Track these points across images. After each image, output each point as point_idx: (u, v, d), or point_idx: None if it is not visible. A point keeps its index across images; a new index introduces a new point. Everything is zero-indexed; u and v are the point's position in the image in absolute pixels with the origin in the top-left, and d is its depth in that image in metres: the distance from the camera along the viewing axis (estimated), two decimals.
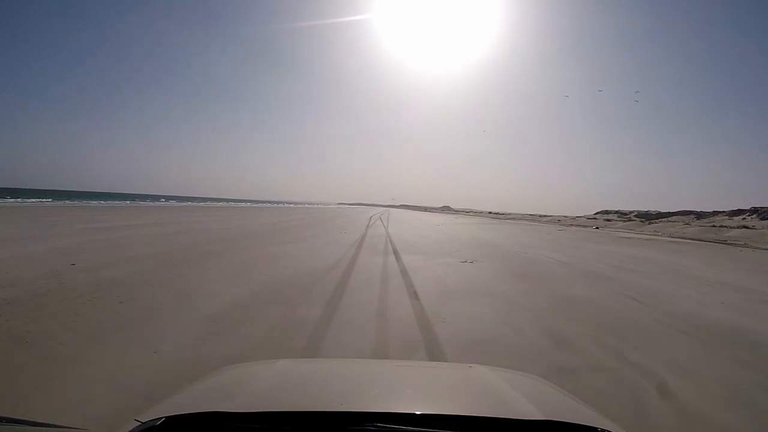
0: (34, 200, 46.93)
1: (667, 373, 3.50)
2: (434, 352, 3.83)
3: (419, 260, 10.01)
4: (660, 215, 60.00)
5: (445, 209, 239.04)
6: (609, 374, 3.49)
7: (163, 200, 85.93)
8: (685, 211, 57.63)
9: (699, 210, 56.57)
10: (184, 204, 64.59)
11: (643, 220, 57.84)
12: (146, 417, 0.92)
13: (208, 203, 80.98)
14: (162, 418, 0.90)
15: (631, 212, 69.00)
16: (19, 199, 46.57)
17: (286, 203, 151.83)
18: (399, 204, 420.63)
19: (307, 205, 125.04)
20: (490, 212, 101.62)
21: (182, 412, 0.93)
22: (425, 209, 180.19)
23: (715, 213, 53.99)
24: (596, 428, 0.92)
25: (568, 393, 1.38)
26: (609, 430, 0.92)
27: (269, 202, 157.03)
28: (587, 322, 5.12)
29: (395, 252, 11.64)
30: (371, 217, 41.06)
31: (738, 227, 34.81)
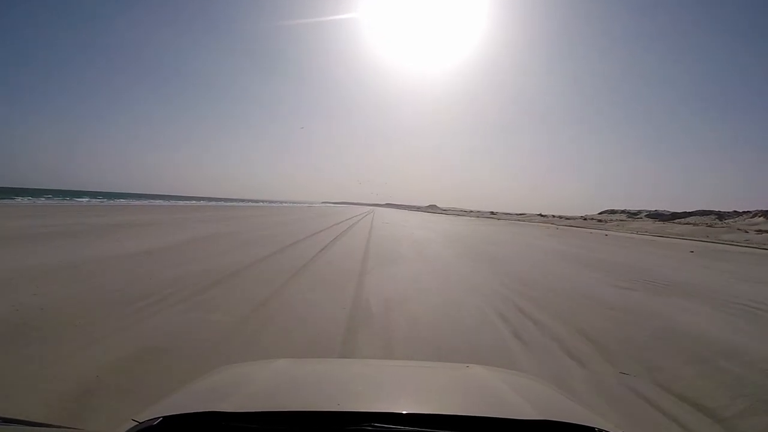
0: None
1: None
2: None
3: None
4: (675, 215, 55.65)
5: (432, 208, 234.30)
6: None
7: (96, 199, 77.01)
8: (703, 210, 53.39)
9: (718, 210, 52.40)
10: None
11: (655, 220, 53.42)
12: (143, 417, 0.91)
13: (176, 202, 71.26)
14: (159, 418, 0.89)
15: (640, 212, 64.68)
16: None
17: (269, 202, 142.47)
18: (384, 203, 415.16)
19: (288, 205, 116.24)
20: (540, 214, 76.95)
21: (179, 412, 0.91)
22: (418, 209, 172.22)
23: (736, 213, 49.84)
24: (593, 428, 0.91)
25: (565, 393, 1.35)
26: (606, 429, 0.91)
27: (252, 201, 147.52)
28: None
29: None
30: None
31: None
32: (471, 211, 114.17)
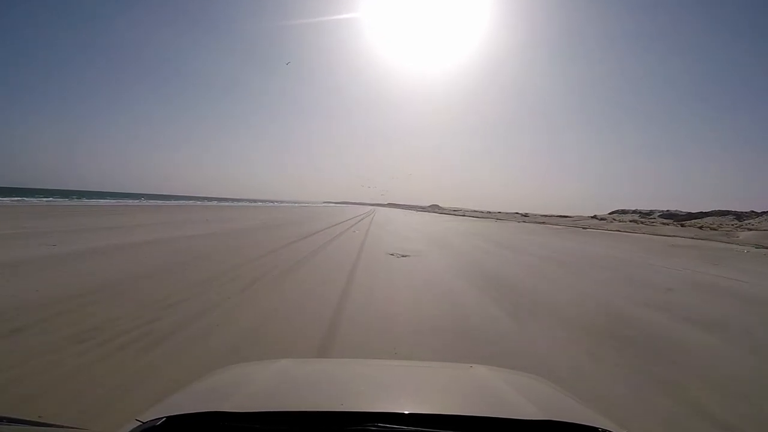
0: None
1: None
2: None
3: None
4: (690, 215, 54.24)
5: (434, 208, 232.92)
6: None
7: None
8: (720, 210, 51.95)
9: (734, 209, 50.91)
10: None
11: (669, 220, 51.96)
12: (147, 417, 0.91)
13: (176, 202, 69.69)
14: (163, 417, 0.89)
15: (652, 212, 63.21)
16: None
17: (269, 202, 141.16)
18: (387, 203, 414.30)
19: (283, 206, 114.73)
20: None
21: (183, 412, 0.91)
22: (423, 209, 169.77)
23: (754, 213, 48.40)
24: (597, 428, 0.89)
25: (568, 393, 1.32)
26: (609, 430, 0.90)
27: (249, 201, 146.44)
28: None
29: None
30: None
31: None
32: (490, 213, 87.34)
